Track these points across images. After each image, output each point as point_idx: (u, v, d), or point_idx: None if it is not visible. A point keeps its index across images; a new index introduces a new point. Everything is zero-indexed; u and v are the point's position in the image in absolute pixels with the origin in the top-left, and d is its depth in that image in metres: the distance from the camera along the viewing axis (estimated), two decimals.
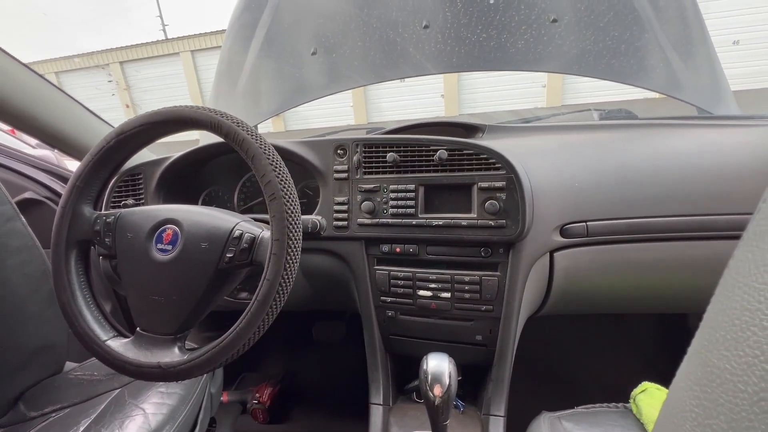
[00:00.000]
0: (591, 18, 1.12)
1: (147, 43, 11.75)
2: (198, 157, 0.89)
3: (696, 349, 0.20)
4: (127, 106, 12.09)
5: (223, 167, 0.95)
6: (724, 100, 1.07)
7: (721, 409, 0.17)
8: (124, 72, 12.13)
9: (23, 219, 0.80)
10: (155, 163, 0.89)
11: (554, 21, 1.12)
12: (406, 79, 1.25)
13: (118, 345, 0.60)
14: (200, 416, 0.80)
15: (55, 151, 1.24)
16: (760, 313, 0.16)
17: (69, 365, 0.92)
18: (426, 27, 1.18)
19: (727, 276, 0.19)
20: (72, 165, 1.23)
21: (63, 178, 1.13)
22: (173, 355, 0.56)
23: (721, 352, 0.17)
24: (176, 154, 0.88)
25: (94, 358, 0.91)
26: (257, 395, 1.30)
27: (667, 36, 1.09)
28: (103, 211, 0.65)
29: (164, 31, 12.48)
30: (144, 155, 1.00)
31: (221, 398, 1.03)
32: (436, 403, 0.58)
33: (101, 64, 12.02)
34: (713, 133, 0.86)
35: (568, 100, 8.95)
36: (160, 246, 0.59)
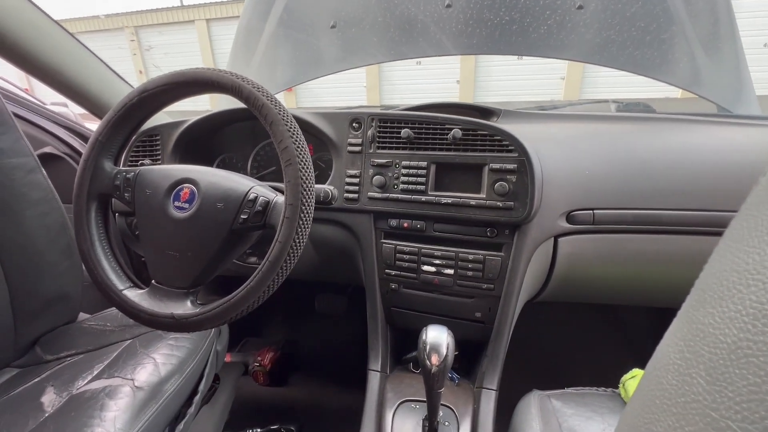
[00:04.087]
0: (618, 6, 1.09)
1: (162, 8, 11.59)
2: (214, 123, 0.91)
3: (685, 309, 0.21)
4: (141, 72, 12.04)
5: (239, 134, 0.96)
6: (746, 99, 1.05)
7: (701, 359, 0.18)
8: (139, 37, 12.02)
9: (44, 172, 0.83)
10: (173, 125, 0.90)
11: (580, 7, 1.10)
12: (422, 63, 1.24)
13: (134, 295, 0.63)
14: (206, 370, 0.84)
15: (71, 108, 1.26)
16: (746, 273, 0.17)
17: (83, 316, 0.96)
18: (448, 6, 1.16)
19: (722, 243, 0.20)
20: (90, 124, 1.25)
21: (82, 136, 1.16)
22: (186, 308, 0.59)
23: (707, 310, 0.19)
24: (194, 118, 0.89)
25: (106, 311, 0.96)
26: (259, 358, 1.35)
27: (694, 29, 1.07)
28: (123, 167, 0.67)
29: None
30: (162, 118, 1.02)
31: (225, 358, 1.07)
32: (432, 371, 0.60)
33: (116, 27, 11.91)
34: (731, 131, 0.86)
35: (586, 94, 8.74)
36: (177, 204, 0.61)
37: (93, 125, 1.24)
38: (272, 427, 1.16)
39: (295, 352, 1.49)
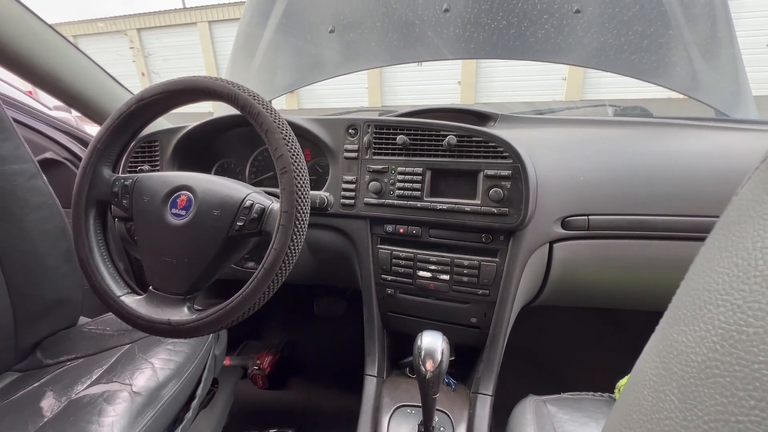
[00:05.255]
0: (615, 10, 1.09)
1: (165, 11, 11.66)
2: (213, 128, 0.91)
3: (662, 325, 0.22)
4: (143, 74, 12.10)
5: (237, 140, 0.97)
6: (744, 103, 1.05)
7: (674, 376, 0.19)
8: (141, 39, 12.09)
9: (44, 177, 0.84)
10: (172, 131, 0.91)
11: (577, 11, 1.10)
12: (424, 64, 1.24)
13: (132, 301, 0.63)
14: (204, 375, 0.84)
15: (73, 113, 1.27)
16: (716, 294, 0.18)
17: (83, 320, 0.97)
18: (446, 10, 1.16)
19: (697, 261, 0.21)
20: (91, 129, 1.26)
21: (82, 141, 1.17)
22: (183, 314, 0.60)
23: (681, 328, 0.19)
24: (192, 124, 0.90)
25: (106, 315, 0.97)
26: (258, 362, 1.35)
27: (692, 34, 1.07)
28: (121, 174, 0.67)
29: None
30: (161, 123, 1.03)
31: (224, 361, 1.08)
32: (427, 377, 0.61)
33: (119, 30, 11.99)
34: (728, 136, 0.86)
35: (588, 95, 8.73)
36: (174, 211, 0.62)
37: (92, 129, 1.25)
38: (270, 431, 1.17)
39: (295, 355, 1.50)
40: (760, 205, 0.17)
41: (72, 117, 1.35)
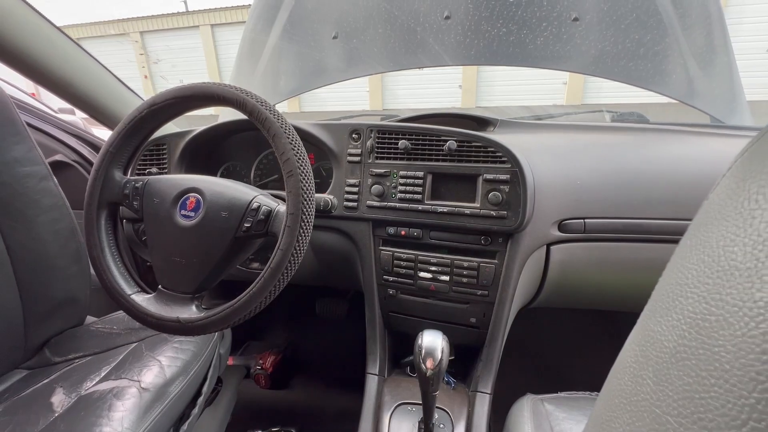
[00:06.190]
0: (613, 19, 1.12)
1: (167, 14, 11.75)
2: (219, 132, 0.94)
3: (641, 317, 0.24)
4: (145, 77, 12.17)
5: (243, 143, 0.99)
6: (739, 110, 1.07)
7: (650, 362, 0.21)
8: (144, 42, 12.17)
9: (55, 179, 0.86)
10: (179, 135, 0.93)
11: (575, 19, 1.13)
12: (425, 69, 1.26)
13: (142, 300, 0.65)
14: (209, 373, 0.86)
15: (79, 115, 1.30)
16: (687, 287, 0.20)
17: (90, 319, 0.99)
18: (447, 18, 1.19)
19: (672, 259, 0.23)
20: (98, 132, 1.29)
21: (91, 144, 1.19)
22: (191, 312, 0.62)
23: (657, 319, 0.21)
24: (199, 128, 0.92)
25: (113, 314, 0.99)
26: (261, 362, 1.37)
27: (687, 42, 1.09)
28: (131, 177, 0.70)
29: (185, 2, 12.43)
30: (168, 127, 1.05)
31: (227, 361, 1.10)
32: (427, 375, 0.62)
33: (122, 33, 12.08)
34: (723, 142, 0.88)
35: (588, 99, 8.77)
36: (183, 212, 0.64)
37: (99, 131, 1.27)
38: (273, 429, 1.19)
39: (297, 355, 1.51)
40: (724, 208, 0.19)
41: (80, 119, 1.38)
